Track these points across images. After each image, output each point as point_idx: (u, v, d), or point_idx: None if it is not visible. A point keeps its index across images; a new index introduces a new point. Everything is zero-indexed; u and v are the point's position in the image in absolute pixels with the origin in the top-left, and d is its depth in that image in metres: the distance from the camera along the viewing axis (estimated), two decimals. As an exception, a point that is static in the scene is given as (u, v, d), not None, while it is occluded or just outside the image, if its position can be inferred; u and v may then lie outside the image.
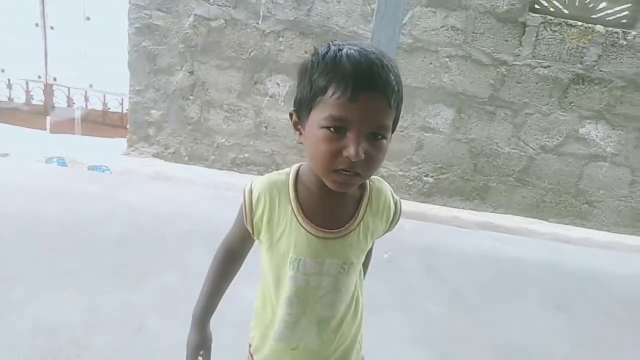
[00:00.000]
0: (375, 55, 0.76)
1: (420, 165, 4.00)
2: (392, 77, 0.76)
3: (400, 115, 0.85)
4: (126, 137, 4.01)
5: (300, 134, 0.83)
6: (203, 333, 1.01)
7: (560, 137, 3.91)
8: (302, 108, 0.80)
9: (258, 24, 3.66)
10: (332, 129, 0.75)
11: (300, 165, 0.90)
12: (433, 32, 3.68)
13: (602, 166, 3.97)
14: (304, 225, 0.85)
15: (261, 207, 0.87)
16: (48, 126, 4.31)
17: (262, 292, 0.97)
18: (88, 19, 4.03)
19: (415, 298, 1.22)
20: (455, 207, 4.07)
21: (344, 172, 0.76)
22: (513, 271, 2.97)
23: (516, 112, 3.86)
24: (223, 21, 3.67)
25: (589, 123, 3.86)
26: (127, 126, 3.99)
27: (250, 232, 0.90)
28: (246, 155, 3.97)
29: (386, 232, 0.97)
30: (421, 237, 3.13)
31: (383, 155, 0.79)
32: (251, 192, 0.88)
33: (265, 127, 3.89)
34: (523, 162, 3.98)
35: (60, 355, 1.63)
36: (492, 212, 4.09)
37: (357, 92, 0.73)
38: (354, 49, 0.75)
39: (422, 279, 2.58)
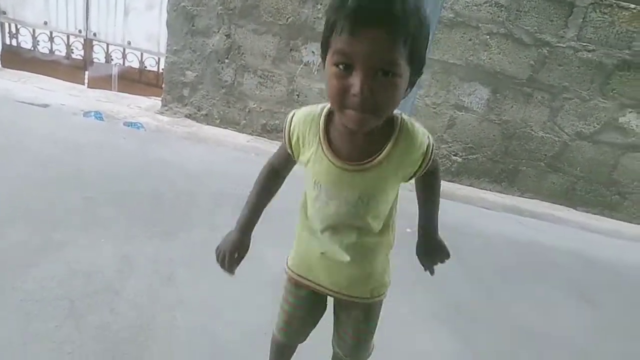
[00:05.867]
0: None
1: (450, 144, 3.96)
2: (401, 10, 0.73)
3: (427, 50, 0.84)
4: (161, 96, 4.08)
5: None
6: (243, 238, 1.09)
7: (598, 124, 3.80)
8: (323, 49, 0.83)
9: (297, -11, 3.63)
10: (340, 67, 0.77)
11: None
12: (476, 7, 3.59)
13: (639, 157, 3.86)
14: (327, 154, 0.91)
15: (296, 134, 0.96)
16: (86, 81, 4.40)
17: (301, 207, 1.05)
18: (129, -25, 4.06)
19: (437, 276, 1.22)
20: (482, 189, 4.04)
21: (354, 111, 0.78)
22: (537, 257, 2.96)
23: (554, 96, 3.76)
24: (262, -15, 3.65)
25: (630, 112, 3.74)
26: (162, 86, 4.06)
27: (291, 153, 0.99)
28: (277, 122, 3.99)
29: (416, 174, 0.97)
30: (446, 216, 3.09)
31: (394, 93, 0.79)
32: (291, 119, 0.97)
33: (298, 95, 3.90)
34: (556, 148, 3.90)
35: (96, 298, 1.72)
36: (520, 196, 4.04)
37: (357, 26, 0.73)
38: None
39: (444, 255, 2.60)
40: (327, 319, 1.21)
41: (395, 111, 0.91)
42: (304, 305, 1.12)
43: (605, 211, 4.04)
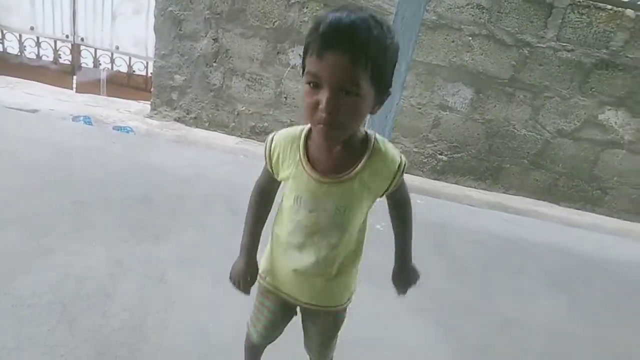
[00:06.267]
0: (356, 19, 0.81)
1: (436, 143, 4.04)
2: (364, 38, 0.81)
3: (394, 71, 0.91)
4: (150, 100, 4.11)
5: None
6: (250, 262, 1.18)
7: (578, 122, 3.90)
8: (302, 67, 0.91)
9: (283, -7, 3.68)
10: (311, 85, 0.86)
11: None
12: (458, 9, 3.66)
13: (618, 153, 3.97)
14: (306, 169, 1.00)
15: (276, 153, 1.04)
16: (74, 85, 4.42)
17: (277, 223, 1.13)
18: (116, -20, 4.08)
19: (423, 271, 1.27)
20: (467, 187, 4.12)
21: (323, 126, 0.87)
22: (520, 251, 3.04)
23: (536, 95, 3.85)
24: (248, -11, 3.69)
25: (609, 109, 3.84)
26: (151, 90, 4.09)
27: (271, 171, 1.07)
28: (265, 124, 4.04)
29: (388, 191, 1.05)
30: (432, 213, 3.20)
31: (356, 111, 0.87)
32: (271, 141, 1.05)
33: (285, 97, 3.95)
34: (538, 146, 3.99)
35: (88, 302, 1.75)
36: (504, 193, 4.13)
37: (322, 50, 0.82)
38: (341, 14, 0.82)
39: (430, 253, 2.66)
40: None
41: (370, 132, 1.01)
42: (278, 311, 1.20)
43: (587, 206, 4.14)
